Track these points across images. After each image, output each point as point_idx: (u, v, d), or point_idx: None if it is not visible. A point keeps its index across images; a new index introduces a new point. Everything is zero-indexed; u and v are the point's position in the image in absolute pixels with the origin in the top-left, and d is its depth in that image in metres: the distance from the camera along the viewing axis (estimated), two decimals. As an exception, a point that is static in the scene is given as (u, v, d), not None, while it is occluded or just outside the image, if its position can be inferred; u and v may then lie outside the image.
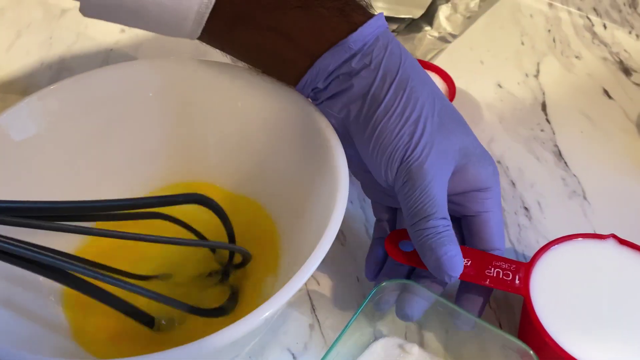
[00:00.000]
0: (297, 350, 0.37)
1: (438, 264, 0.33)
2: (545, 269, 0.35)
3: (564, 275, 0.35)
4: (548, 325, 0.32)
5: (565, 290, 0.34)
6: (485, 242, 0.36)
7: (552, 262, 0.35)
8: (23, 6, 0.63)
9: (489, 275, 0.34)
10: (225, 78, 0.41)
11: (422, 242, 0.33)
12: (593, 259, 0.35)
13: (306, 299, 0.39)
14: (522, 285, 0.34)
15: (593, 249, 0.36)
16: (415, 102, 0.34)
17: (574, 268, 0.35)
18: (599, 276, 0.34)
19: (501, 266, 0.35)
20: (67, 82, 0.39)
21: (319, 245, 0.30)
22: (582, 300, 0.34)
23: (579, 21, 0.63)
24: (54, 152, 0.39)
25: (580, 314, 0.33)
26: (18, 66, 0.56)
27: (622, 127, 0.52)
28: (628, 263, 0.35)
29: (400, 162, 0.34)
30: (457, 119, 0.37)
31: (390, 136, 0.34)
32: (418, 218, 0.33)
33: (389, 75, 0.35)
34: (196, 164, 0.43)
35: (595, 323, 0.33)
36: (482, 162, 0.36)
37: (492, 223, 0.36)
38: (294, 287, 0.29)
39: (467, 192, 0.36)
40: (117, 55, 0.58)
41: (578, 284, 0.34)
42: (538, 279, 0.34)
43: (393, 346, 0.35)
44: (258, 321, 0.28)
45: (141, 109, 0.41)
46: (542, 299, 0.34)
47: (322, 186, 0.35)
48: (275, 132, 0.40)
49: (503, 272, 0.34)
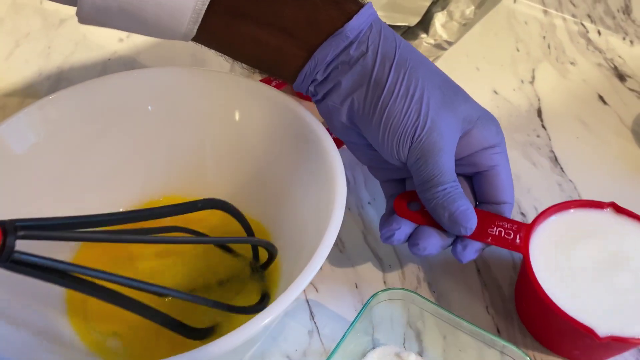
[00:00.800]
0: (296, 357, 0.37)
1: (452, 218, 0.35)
2: (545, 230, 0.37)
3: (562, 236, 0.36)
4: (543, 282, 0.34)
5: (562, 250, 0.36)
6: (497, 196, 0.37)
7: (552, 225, 0.37)
8: (22, 16, 0.63)
9: (491, 234, 0.36)
10: (223, 87, 0.41)
11: (434, 203, 0.35)
12: (591, 224, 0.37)
13: (305, 306, 0.39)
14: (522, 244, 0.35)
15: (592, 215, 0.37)
16: (416, 80, 0.35)
17: (573, 231, 0.36)
18: (596, 240, 0.36)
19: (503, 225, 0.36)
20: (65, 92, 0.39)
21: (316, 253, 0.30)
22: (578, 262, 0.35)
23: (574, 28, 0.64)
24: (53, 161, 0.39)
25: (575, 274, 0.34)
26: (17, 75, 0.56)
27: (617, 132, 0.53)
28: (625, 229, 0.36)
29: (411, 142, 0.35)
30: (456, 89, 0.38)
31: (399, 117, 0.35)
32: (429, 185, 0.35)
33: (387, 59, 0.35)
34: (193, 174, 0.43)
35: (588, 283, 0.34)
36: (486, 123, 0.37)
37: (503, 176, 0.37)
38: (292, 294, 0.29)
39: (475, 152, 0.37)
40: (115, 65, 0.58)
41: (575, 246, 0.36)
42: (538, 239, 0.36)
43: (390, 354, 0.36)
44: (257, 328, 0.28)
45: (139, 118, 0.41)
46: (540, 258, 0.35)
47: (320, 194, 0.35)
48: (272, 141, 0.40)
49: (505, 231, 0.36)
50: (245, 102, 0.41)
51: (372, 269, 0.42)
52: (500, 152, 0.38)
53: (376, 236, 0.44)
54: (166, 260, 0.39)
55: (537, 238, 0.36)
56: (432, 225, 0.36)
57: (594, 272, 0.34)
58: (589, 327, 0.32)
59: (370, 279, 0.41)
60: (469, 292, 0.41)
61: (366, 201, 0.46)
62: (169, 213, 0.35)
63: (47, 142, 0.38)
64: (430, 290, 0.41)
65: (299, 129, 0.38)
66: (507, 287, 0.41)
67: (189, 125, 0.42)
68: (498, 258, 0.43)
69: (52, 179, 0.39)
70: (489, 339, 0.33)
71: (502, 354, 0.33)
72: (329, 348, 0.37)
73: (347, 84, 0.36)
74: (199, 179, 0.43)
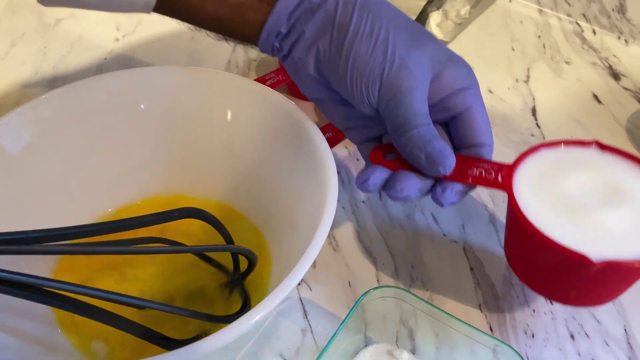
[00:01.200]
0: (289, 356, 0.37)
1: (430, 159, 0.34)
2: (527, 168, 0.35)
3: (547, 172, 0.35)
4: (531, 216, 0.32)
5: (548, 184, 0.34)
6: (475, 138, 0.36)
7: (535, 162, 0.35)
8: (17, 16, 0.64)
9: (472, 175, 0.35)
10: (217, 86, 0.41)
11: (410, 147, 0.34)
12: (575, 159, 0.36)
13: (298, 305, 0.39)
14: (505, 182, 0.34)
15: (576, 152, 0.36)
16: (380, 21, 0.35)
17: (557, 166, 0.35)
18: (582, 173, 0.35)
19: (484, 166, 0.35)
20: (59, 92, 0.39)
21: (308, 250, 0.30)
22: (564, 194, 0.34)
23: (569, 27, 0.64)
24: (46, 161, 0.39)
25: (562, 206, 0.33)
26: (12, 75, 0.56)
27: (612, 131, 0.53)
28: (610, 163, 0.35)
29: (380, 83, 0.34)
30: (422, 30, 0.37)
31: (366, 58, 0.34)
32: (404, 129, 0.34)
33: (350, 2, 0.35)
34: (187, 173, 0.43)
35: (577, 213, 0.33)
36: (456, 65, 0.36)
37: (478, 117, 0.36)
38: (283, 292, 0.29)
39: (448, 96, 0.36)
40: (110, 64, 0.58)
41: (561, 179, 0.34)
42: (521, 176, 0.35)
43: (382, 353, 0.36)
44: (248, 325, 0.28)
45: (133, 118, 0.41)
46: (525, 194, 0.34)
47: (312, 192, 0.35)
48: (266, 140, 0.40)
49: (486, 171, 0.35)
50: (239, 101, 0.41)
51: (366, 267, 0.42)
52: (474, 94, 0.36)
53: (370, 235, 0.44)
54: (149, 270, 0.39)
55: (520, 175, 0.35)
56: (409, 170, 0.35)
57: (582, 202, 0.33)
58: (581, 254, 0.30)
59: (364, 277, 0.41)
60: (462, 290, 0.41)
61: (360, 200, 0.46)
62: (145, 223, 0.34)
63: (40, 142, 0.38)
64: (424, 288, 0.41)
65: (292, 128, 0.39)
66: (500, 285, 0.41)
67: (183, 124, 0.42)
68: (491, 257, 0.43)
69: (44, 179, 0.39)
70: (481, 337, 0.34)
71: (495, 352, 0.33)
72: (322, 346, 0.37)
73: (311, 32, 0.35)
74: (192, 177, 0.43)
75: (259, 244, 0.40)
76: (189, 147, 0.42)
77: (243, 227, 0.41)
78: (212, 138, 0.42)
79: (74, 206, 0.40)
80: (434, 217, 0.45)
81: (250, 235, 0.40)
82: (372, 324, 0.36)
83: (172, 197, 0.43)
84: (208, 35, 0.62)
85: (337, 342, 0.33)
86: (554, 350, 0.38)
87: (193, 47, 0.61)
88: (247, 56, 0.60)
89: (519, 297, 0.40)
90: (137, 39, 0.61)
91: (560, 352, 0.38)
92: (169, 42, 0.62)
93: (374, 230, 0.44)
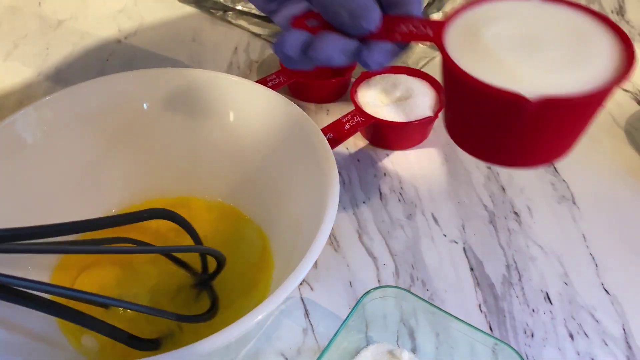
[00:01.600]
0: (291, 355, 0.37)
1: (353, 13, 0.31)
2: (461, 21, 0.33)
3: (479, 25, 0.33)
4: (463, 66, 0.30)
5: (478, 37, 0.32)
6: (403, 6, 0.33)
7: (469, 17, 0.33)
8: (19, 17, 0.64)
9: (400, 31, 0.32)
10: (219, 88, 0.41)
11: (332, 7, 0.31)
12: (512, 10, 0.33)
13: (300, 304, 0.40)
14: (436, 36, 0.32)
15: (514, 5, 0.34)
16: None
17: (490, 19, 0.33)
18: (513, 22, 0.32)
19: (414, 23, 0.33)
20: (62, 93, 0.39)
21: (309, 250, 0.31)
22: (495, 44, 0.31)
23: (568, 28, 0.64)
24: (49, 163, 0.39)
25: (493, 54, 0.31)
26: (15, 77, 0.57)
27: (611, 132, 0.53)
28: (549, 12, 0.33)
29: None
30: None
31: None
32: None
33: None
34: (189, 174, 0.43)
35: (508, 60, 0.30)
36: None
37: None
38: (285, 291, 0.29)
39: None
40: (112, 66, 0.59)
41: (491, 30, 0.32)
42: (453, 28, 0.32)
43: (383, 352, 0.36)
44: (250, 324, 0.28)
45: (136, 120, 0.41)
46: (456, 44, 0.31)
47: (314, 193, 0.36)
48: (267, 141, 0.40)
49: (415, 27, 0.32)
50: (241, 103, 0.41)
51: (367, 267, 0.42)
52: None
53: (371, 235, 0.44)
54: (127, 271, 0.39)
55: (452, 28, 0.32)
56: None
57: (515, 47, 0.31)
58: (515, 93, 0.28)
59: (365, 277, 0.42)
60: (462, 290, 0.41)
61: (361, 200, 0.47)
62: (114, 223, 0.34)
63: (43, 143, 0.39)
64: (424, 288, 0.41)
65: (293, 129, 0.39)
66: (499, 285, 0.41)
67: (184, 126, 0.42)
68: (491, 257, 0.43)
69: (46, 180, 0.39)
70: (481, 337, 0.34)
71: (494, 351, 0.34)
72: (324, 346, 0.38)
73: None
74: (194, 179, 0.43)
75: (262, 243, 0.40)
76: (190, 149, 0.43)
77: (244, 227, 0.41)
78: (214, 140, 0.42)
79: (76, 207, 0.40)
80: (434, 218, 0.46)
81: (252, 234, 0.41)
82: (373, 323, 0.37)
83: (174, 198, 0.43)
84: (210, 36, 0.62)
85: (338, 341, 0.33)
86: (553, 350, 0.38)
87: (194, 48, 0.61)
88: (249, 58, 0.60)
89: (519, 297, 0.41)
90: (138, 40, 0.62)
91: (560, 351, 0.38)
92: (171, 43, 0.62)
93: (374, 231, 0.45)
